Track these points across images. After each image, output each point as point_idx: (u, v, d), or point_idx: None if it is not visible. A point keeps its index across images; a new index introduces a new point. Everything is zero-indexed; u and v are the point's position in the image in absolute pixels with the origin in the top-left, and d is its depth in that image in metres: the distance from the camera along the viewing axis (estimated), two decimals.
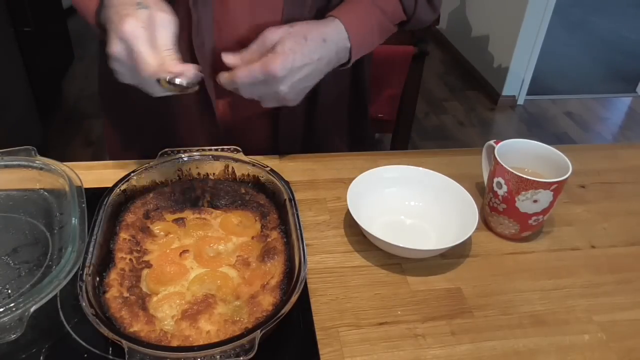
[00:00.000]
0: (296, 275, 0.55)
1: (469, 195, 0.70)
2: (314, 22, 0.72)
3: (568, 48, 4.01)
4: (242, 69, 0.68)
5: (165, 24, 0.62)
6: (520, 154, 0.72)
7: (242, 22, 0.76)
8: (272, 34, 0.69)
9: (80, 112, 2.77)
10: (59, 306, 0.56)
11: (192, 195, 0.70)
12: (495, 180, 0.69)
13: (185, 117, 0.85)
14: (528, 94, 3.19)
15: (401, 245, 0.63)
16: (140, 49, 0.59)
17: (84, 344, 0.53)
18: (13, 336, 0.49)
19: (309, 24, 0.71)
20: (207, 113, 0.83)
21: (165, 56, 0.61)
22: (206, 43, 0.76)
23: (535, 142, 0.72)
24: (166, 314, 0.54)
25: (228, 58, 0.70)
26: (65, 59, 3.10)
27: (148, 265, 0.60)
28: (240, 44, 0.77)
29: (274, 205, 0.68)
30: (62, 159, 0.70)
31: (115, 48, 0.61)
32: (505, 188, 0.68)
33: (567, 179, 0.66)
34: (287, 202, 0.65)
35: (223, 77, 0.71)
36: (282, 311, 0.50)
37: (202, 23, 0.74)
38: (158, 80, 0.60)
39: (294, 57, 0.67)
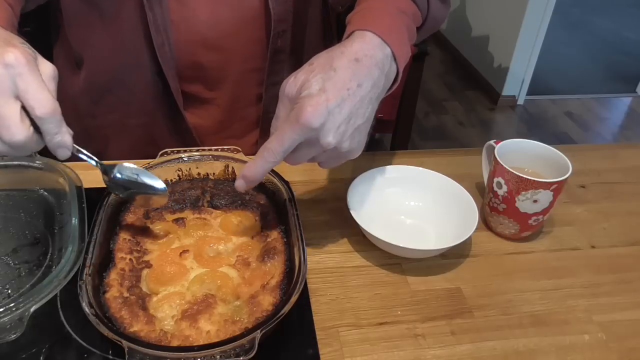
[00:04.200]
0: (296, 275, 0.54)
1: (469, 195, 0.70)
2: (334, 47, 0.58)
3: (568, 48, 4.01)
4: (271, 141, 0.54)
5: (53, 76, 0.51)
6: (520, 154, 0.72)
7: (202, 21, 0.74)
8: (292, 85, 0.55)
9: None
10: (59, 306, 0.56)
11: (192, 195, 0.70)
12: (495, 180, 0.69)
13: (156, 128, 0.84)
14: (528, 94, 3.19)
15: (401, 245, 0.63)
16: (35, 79, 0.48)
17: (84, 344, 0.53)
18: (13, 336, 0.49)
19: (329, 52, 0.57)
20: (178, 119, 0.82)
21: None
22: (166, 43, 0.74)
23: (535, 142, 0.72)
24: (166, 314, 0.54)
25: (265, 153, 0.55)
26: None
27: (148, 265, 0.60)
28: (202, 45, 0.76)
29: (274, 205, 0.68)
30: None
31: None
32: (505, 188, 0.68)
33: (567, 179, 0.66)
34: (287, 202, 0.65)
35: (252, 168, 0.56)
36: (282, 311, 0.50)
37: (159, 22, 0.72)
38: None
39: (327, 97, 0.53)
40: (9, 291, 0.57)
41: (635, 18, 4.69)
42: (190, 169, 0.71)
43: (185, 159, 0.71)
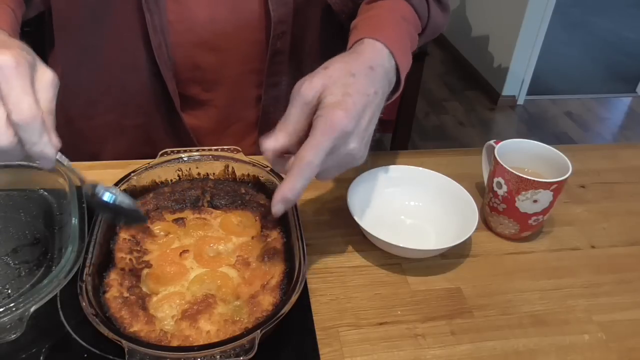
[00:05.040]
0: (296, 275, 0.54)
1: (469, 195, 0.70)
2: (347, 54, 0.59)
3: (568, 48, 4.01)
4: (306, 154, 0.50)
5: (51, 84, 0.49)
6: (520, 154, 0.72)
7: (201, 22, 0.74)
8: (310, 88, 0.52)
9: None
10: (59, 306, 0.56)
11: (192, 195, 0.70)
12: (495, 180, 0.69)
13: (153, 129, 0.84)
14: (528, 94, 3.19)
15: (401, 245, 0.63)
16: (19, 83, 0.45)
17: (84, 344, 0.53)
18: (13, 336, 0.49)
19: (344, 57, 0.57)
20: (175, 120, 0.82)
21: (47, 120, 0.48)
22: (163, 44, 0.74)
23: (535, 142, 0.72)
24: (166, 314, 0.54)
25: (270, 143, 0.53)
26: None
27: (148, 265, 0.60)
28: (200, 46, 0.75)
29: None
30: None
31: None
32: (505, 188, 0.68)
33: (567, 179, 0.66)
34: None
35: (291, 186, 0.51)
36: (282, 311, 0.50)
37: (156, 23, 0.72)
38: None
39: (353, 101, 0.52)
40: (9, 291, 0.57)
41: (635, 18, 4.69)
42: (190, 169, 0.71)
43: (185, 159, 0.71)
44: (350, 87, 0.53)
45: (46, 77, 0.48)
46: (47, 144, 0.48)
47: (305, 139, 0.51)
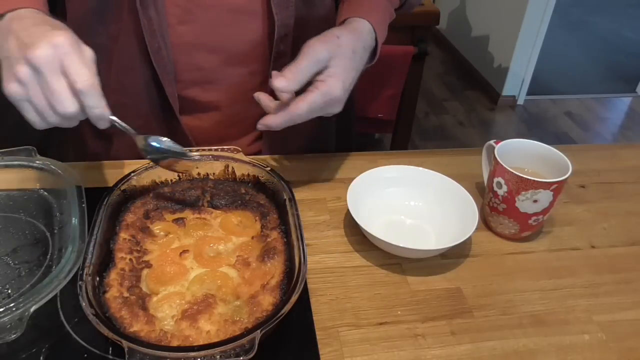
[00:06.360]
0: (296, 275, 0.55)
1: (469, 195, 0.70)
2: (353, 31, 0.69)
3: (568, 48, 4.01)
4: (300, 104, 0.64)
5: (93, 59, 0.56)
6: (520, 154, 0.72)
7: (202, 24, 0.74)
8: (323, 52, 0.64)
9: None
10: (59, 306, 0.56)
11: (192, 195, 0.70)
12: (495, 180, 0.69)
13: (151, 131, 0.83)
14: (528, 94, 3.19)
15: (401, 245, 0.63)
16: (78, 57, 0.53)
17: (84, 344, 0.53)
18: (13, 336, 0.49)
19: (351, 33, 0.69)
20: (174, 123, 0.82)
21: None
22: (163, 48, 0.74)
23: (535, 142, 0.72)
24: (166, 314, 0.54)
25: (280, 82, 0.63)
26: None
27: (148, 265, 0.60)
28: (202, 48, 0.75)
29: (274, 205, 0.68)
30: (62, 159, 0.70)
31: (42, 52, 0.52)
32: (505, 188, 0.68)
33: (567, 179, 0.66)
34: (287, 202, 0.65)
35: (278, 120, 0.65)
36: (282, 311, 0.50)
37: (155, 27, 0.72)
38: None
39: (349, 76, 0.67)
40: (9, 291, 0.57)
41: (635, 18, 4.69)
42: None
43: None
44: (350, 62, 0.67)
45: (88, 53, 0.56)
46: (105, 107, 0.56)
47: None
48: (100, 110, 0.56)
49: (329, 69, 0.65)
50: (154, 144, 0.63)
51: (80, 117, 0.56)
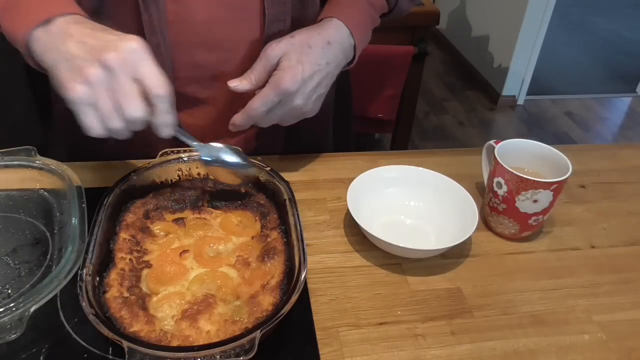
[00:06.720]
0: (296, 275, 0.55)
1: (469, 195, 0.70)
2: (313, 27, 0.71)
3: (568, 48, 4.01)
4: (254, 100, 0.67)
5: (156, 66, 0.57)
6: (520, 154, 0.72)
7: (200, 21, 0.74)
8: (274, 50, 0.67)
9: None
10: (59, 306, 0.56)
11: (192, 195, 0.70)
12: (495, 180, 0.69)
13: (148, 128, 0.84)
14: (528, 94, 3.19)
15: (401, 245, 0.63)
16: (154, 64, 0.56)
17: (84, 344, 0.53)
18: (13, 336, 0.49)
19: (309, 30, 0.70)
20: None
21: None
22: (162, 44, 0.73)
23: (535, 142, 0.72)
24: (166, 314, 0.54)
25: (234, 83, 0.68)
26: None
27: (148, 265, 0.60)
28: (199, 46, 0.75)
29: (274, 205, 0.68)
30: (62, 159, 0.70)
31: (119, 55, 0.53)
32: (505, 188, 0.68)
33: (567, 179, 0.66)
34: (287, 202, 0.65)
35: (238, 119, 0.69)
36: (282, 311, 0.50)
37: (155, 23, 0.72)
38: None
39: (303, 68, 0.66)
40: (9, 291, 0.57)
41: (635, 18, 4.69)
42: (190, 169, 0.71)
43: (185, 159, 0.71)
44: (304, 55, 0.67)
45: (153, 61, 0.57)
46: (174, 113, 0.58)
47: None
48: (170, 116, 0.57)
49: (280, 63, 0.67)
50: (205, 158, 0.66)
51: (142, 126, 0.57)
